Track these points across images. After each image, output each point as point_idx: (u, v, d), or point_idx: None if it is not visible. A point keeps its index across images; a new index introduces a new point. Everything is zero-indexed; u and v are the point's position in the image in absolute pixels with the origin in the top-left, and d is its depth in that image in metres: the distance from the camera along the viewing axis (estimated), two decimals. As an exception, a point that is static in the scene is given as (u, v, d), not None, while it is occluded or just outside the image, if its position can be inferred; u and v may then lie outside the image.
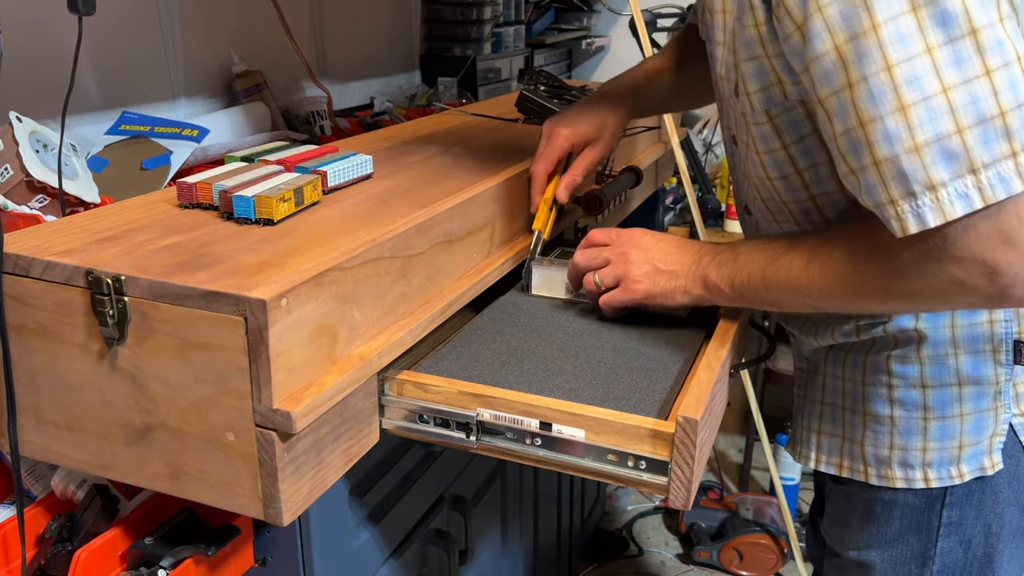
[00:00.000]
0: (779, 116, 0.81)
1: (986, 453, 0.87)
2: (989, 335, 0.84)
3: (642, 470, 0.76)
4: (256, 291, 0.66)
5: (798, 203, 0.87)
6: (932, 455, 0.87)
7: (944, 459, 0.87)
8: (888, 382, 0.88)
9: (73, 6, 0.96)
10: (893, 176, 0.66)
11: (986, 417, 0.86)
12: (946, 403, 0.86)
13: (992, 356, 0.85)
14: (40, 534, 0.85)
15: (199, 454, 0.71)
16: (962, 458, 0.87)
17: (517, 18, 2.53)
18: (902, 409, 0.88)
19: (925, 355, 0.86)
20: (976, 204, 0.64)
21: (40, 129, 1.07)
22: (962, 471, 0.87)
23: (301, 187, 0.86)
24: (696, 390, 0.78)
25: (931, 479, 0.88)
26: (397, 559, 1.07)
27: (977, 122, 0.63)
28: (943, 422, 0.87)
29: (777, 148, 0.84)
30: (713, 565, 2.12)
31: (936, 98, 0.63)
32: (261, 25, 1.63)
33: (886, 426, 0.89)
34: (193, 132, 1.27)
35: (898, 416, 0.88)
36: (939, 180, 0.64)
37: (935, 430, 0.87)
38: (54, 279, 0.72)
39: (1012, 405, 0.86)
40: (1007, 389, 0.86)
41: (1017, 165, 0.63)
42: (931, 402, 0.87)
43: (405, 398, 0.83)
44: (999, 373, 0.85)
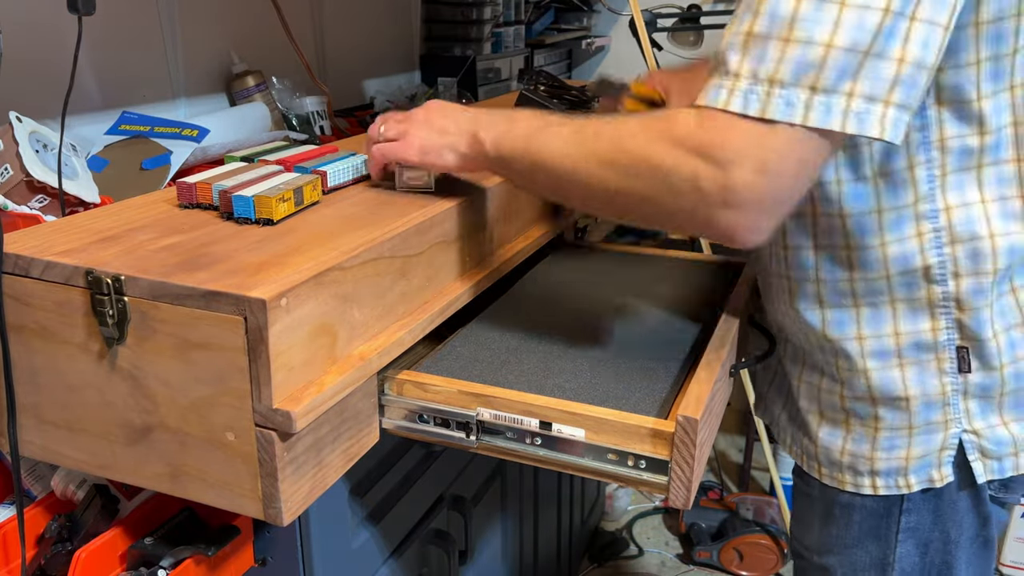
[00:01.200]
0: None
1: (935, 466, 0.84)
2: (932, 343, 0.82)
3: (642, 469, 0.76)
4: (256, 291, 0.66)
5: None
6: (880, 464, 0.86)
7: (892, 469, 0.86)
8: (840, 392, 0.87)
9: (73, 6, 0.96)
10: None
11: (935, 430, 0.84)
12: (896, 415, 0.85)
13: (936, 366, 0.82)
14: (40, 534, 0.85)
15: (199, 454, 0.71)
16: (909, 470, 0.85)
17: (517, 18, 2.53)
18: (855, 417, 0.87)
19: (870, 366, 0.84)
20: (752, 110, 0.63)
21: (40, 129, 1.07)
22: (910, 482, 0.85)
23: (301, 187, 0.86)
24: (696, 390, 0.78)
25: (879, 487, 0.87)
26: (397, 559, 1.07)
27: (804, 40, 0.62)
28: (892, 433, 0.85)
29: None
30: (713, 565, 2.12)
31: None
32: (261, 25, 1.63)
33: (840, 430, 0.89)
34: (193, 132, 1.27)
35: (852, 423, 0.87)
36: (748, 70, 0.64)
37: (883, 440, 0.85)
38: (54, 279, 0.72)
39: (963, 419, 0.83)
40: (956, 402, 0.83)
41: (808, 99, 0.62)
42: (881, 413, 0.85)
43: (405, 398, 0.83)
44: (945, 384, 0.82)
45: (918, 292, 0.81)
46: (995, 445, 0.83)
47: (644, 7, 2.09)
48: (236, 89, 1.58)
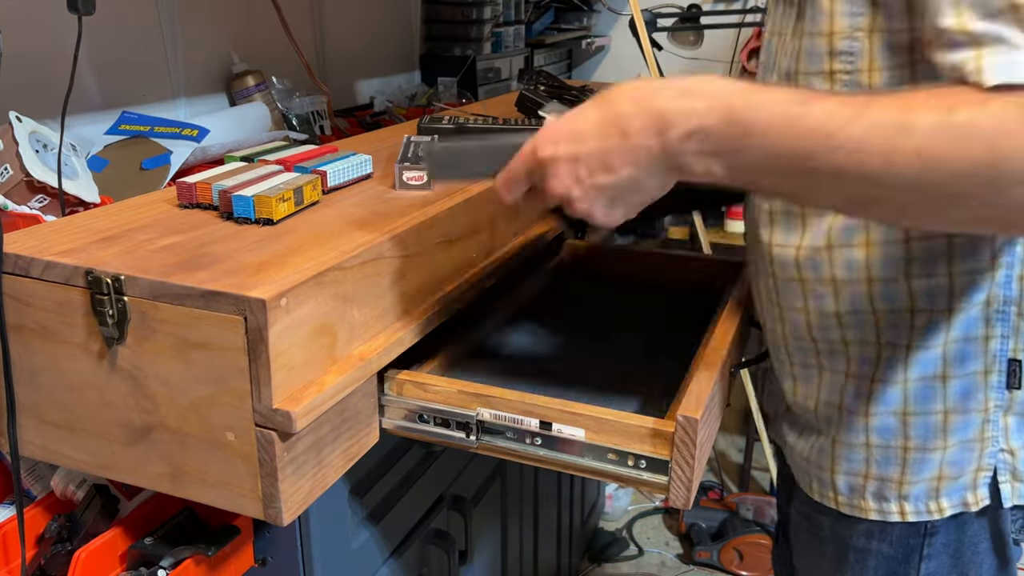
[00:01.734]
0: None
1: (969, 488, 0.77)
2: (983, 352, 0.74)
3: (642, 469, 0.76)
4: (256, 291, 0.66)
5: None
6: (909, 488, 0.78)
7: (923, 492, 0.78)
8: (866, 409, 0.78)
9: (73, 6, 0.96)
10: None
11: (971, 448, 0.76)
12: (929, 433, 0.77)
13: (983, 378, 0.75)
14: (40, 534, 0.84)
15: (199, 454, 0.71)
16: (942, 491, 0.77)
17: (517, 18, 2.53)
18: (879, 436, 0.78)
19: (911, 376, 0.76)
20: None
21: (40, 129, 1.07)
22: (942, 505, 0.77)
23: (301, 187, 0.86)
24: (696, 389, 0.78)
25: (907, 512, 0.78)
26: (397, 559, 1.07)
27: None
28: (923, 454, 0.77)
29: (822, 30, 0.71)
30: (713, 565, 2.12)
31: None
32: (261, 25, 1.63)
33: (860, 454, 0.80)
34: (193, 132, 1.27)
35: (874, 443, 0.79)
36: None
37: (914, 462, 0.77)
38: (54, 279, 0.72)
39: (1001, 438, 0.76)
40: (996, 418, 0.76)
41: None
42: (912, 431, 0.77)
43: (405, 398, 0.83)
44: (989, 399, 0.75)
45: (978, 296, 0.73)
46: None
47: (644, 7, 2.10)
48: (236, 89, 1.58)
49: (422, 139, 1.06)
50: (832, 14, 0.71)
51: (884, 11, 0.67)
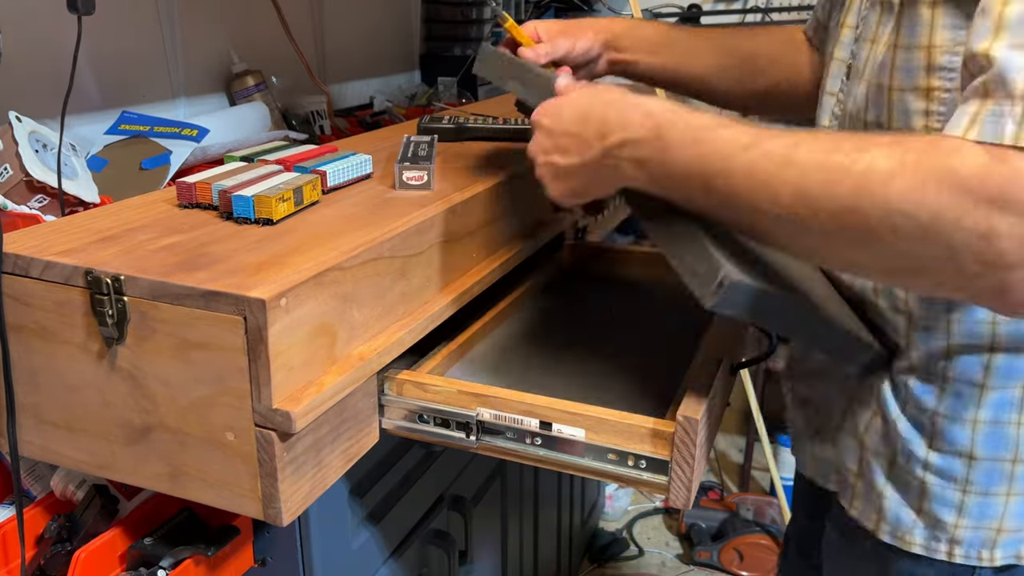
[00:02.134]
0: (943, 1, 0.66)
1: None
2: None
3: (642, 469, 0.76)
4: (255, 291, 0.66)
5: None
6: (964, 532, 0.74)
7: (977, 539, 0.74)
8: (929, 444, 0.74)
9: (73, 6, 0.96)
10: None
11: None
12: (993, 479, 0.72)
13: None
14: (40, 534, 0.84)
15: (198, 454, 0.71)
16: (999, 542, 0.73)
17: (517, 18, 2.53)
18: (937, 477, 0.74)
19: (982, 417, 0.71)
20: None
21: (39, 129, 1.07)
22: (994, 556, 0.74)
23: (300, 187, 0.86)
24: (696, 389, 0.78)
25: (956, 555, 0.75)
26: (397, 559, 1.07)
27: None
28: (985, 499, 0.73)
29: (920, 43, 0.67)
30: (713, 565, 2.12)
31: None
32: (261, 25, 1.63)
33: (915, 490, 0.75)
34: (193, 132, 1.27)
35: (931, 483, 0.74)
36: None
37: (974, 507, 0.73)
38: (53, 279, 0.72)
39: None
40: None
41: None
42: (975, 475, 0.72)
43: (405, 398, 0.83)
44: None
45: None
46: None
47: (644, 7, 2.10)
48: (236, 89, 1.58)
49: (422, 139, 1.06)
50: (933, 26, 0.66)
51: None
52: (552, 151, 0.74)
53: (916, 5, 0.67)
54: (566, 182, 0.74)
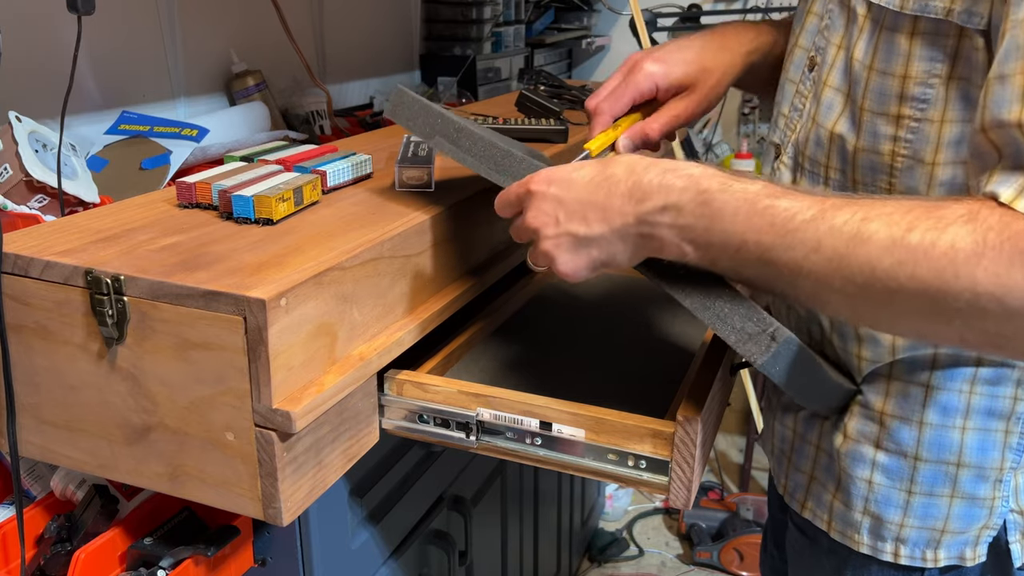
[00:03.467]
0: (922, 34, 0.65)
1: (970, 544, 0.75)
2: (1008, 412, 0.71)
3: (642, 470, 0.76)
4: (255, 291, 0.66)
5: (873, 158, 0.70)
6: (909, 532, 0.76)
7: (921, 539, 0.75)
8: (876, 443, 0.75)
9: (72, 6, 0.96)
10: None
11: (980, 507, 0.74)
12: (937, 481, 0.74)
13: (1003, 437, 0.72)
14: (39, 534, 0.84)
15: (198, 454, 0.71)
16: (942, 543, 0.75)
17: (517, 18, 2.53)
18: (884, 477, 0.76)
19: (928, 420, 0.73)
20: None
21: (39, 129, 1.07)
22: (938, 556, 0.75)
23: (300, 187, 0.86)
24: (697, 389, 0.78)
25: (901, 555, 0.76)
26: (397, 559, 1.07)
27: None
28: (929, 499, 0.74)
29: (895, 71, 0.67)
30: (713, 565, 2.12)
31: None
32: (261, 25, 1.63)
33: (862, 488, 0.77)
34: (193, 132, 1.27)
35: (877, 482, 0.76)
36: None
37: (918, 507, 0.75)
38: (53, 279, 0.72)
39: (1011, 498, 0.74)
40: (1008, 479, 0.73)
41: None
42: (920, 476, 0.74)
43: (405, 398, 0.83)
44: (1006, 459, 0.73)
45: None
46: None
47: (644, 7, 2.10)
48: (236, 89, 1.58)
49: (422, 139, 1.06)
50: (910, 56, 0.66)
51: (966, 62, 0.64)
52: (567, 220, 0.67)
53: (894, 33, 0.67)
54: (586, 254, 0.68)
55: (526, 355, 0.93)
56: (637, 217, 0.65)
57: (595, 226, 0.67)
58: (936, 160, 0.67)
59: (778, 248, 0.60)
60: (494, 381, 0.84)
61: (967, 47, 0.63)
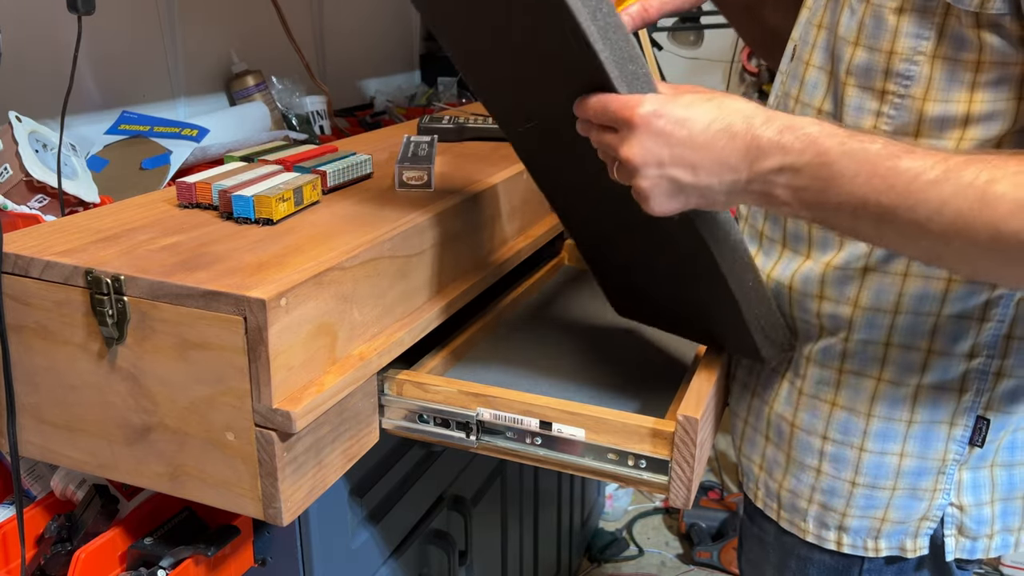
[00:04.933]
0: (911, 11, 0.66)
1: (910, 535, 0.77)
2: (954, 405, 0.73)
3: (642, 469, 0.76)
4: (255, 291, 0.66)
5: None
6: (851, 521, 0.78)
7: (863, 528, 0.77)
8: (824, 433, 0.77)
9: (73, 6, 0.96)
10: None
11: (920, 498, 0.76)
12: (881, 472, 0.76)
13: (948, 430, 0.74)
14: (40, 534, 0.84)
15: (198, 454, 0.71)
16: (882, 533, 0.77)
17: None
18: (831, 466, 0.77)
19: (876, 411, 0.75)
20: None
21: (39, 129, 1.07)
22: (879, 546, 0.77)
23: (300, 187, 0.86)
24: (696, 389, 0.78)
25: (844, 544, 0.79)
26: (397, 559, 1.07)
27: None
28: (872, 491, 0.76)
29: (881, 47, 0.68)
30: (713, 565, 2.12)
31: None
32: (261, 25, 1.63)
33: (809, 477, 0.79)
34: (193, 132, 1.27)
35: (825, 471, 0.78)
36: None
37: (861, 497, 0.77)
38: (53, 279, 0.72)
39: (952, 492, 0.75)
40: (952, 471, 0.75)
41: None
42: (864, 467, 0.76)
43: (405, 398, 0.83)
44: (949, 451, 0.74)
45: (961, 346, 0.72)
46: (976, 524, 0.76)
47: (644, 7, 2.09)
48: (236, 89, 1.58)
49: (422, 139, 1.06)
50: (897, 32, 0.67)
51: (952, 41, 0.64)
52: (672, 164, 0.63)
53: (882, 8, 0.68)
54: (684, 200, 0.65)
55: (526, 355, 0.93)
56: (751, 175, 0.62)
57: (703, 177, 0.63)
58: (918, 137, 0.68)
59: (900, 209, 0.58)
60: (494, 381, 0.85)
61: (954, 26, 0.64)
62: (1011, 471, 0.76)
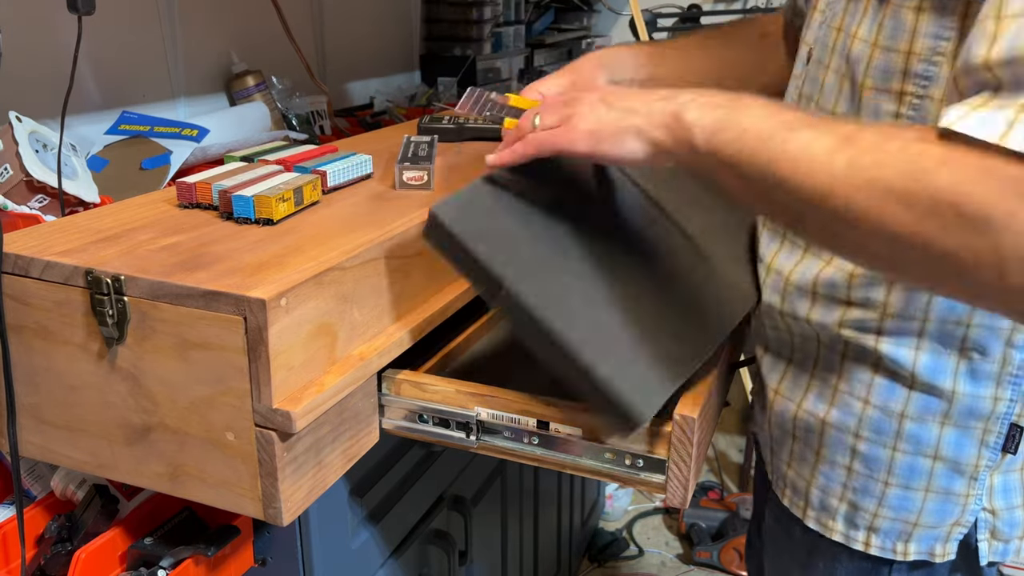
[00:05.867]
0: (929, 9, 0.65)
1: (941, 540, 0.76)
2: (988, 411, 0.72)
3: (639, 468, 0.76)
4: (255, 291, 0.66)
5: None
6: (882, 522, 0.77)
7: (894, 530, 0.76)
8: (856, 432, 0.76)
9: (73, 6, 0.96)
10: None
11: (954, 503, 0.75)
12: (914, 473, 0.75)
13: (981, 436, 0.73)
14: (40, 534, 0.85)
15: (199, 454, 0.71)
16: (913, 536, 0.76)
17: (517, 18, 2.53)
18: (863, 465, 0.76)
19: (910, 411, 0.74)
20: None
21: (40, 129, 1.07)
22: (908, 550, 0.76)
23: (301, 187, 0.86)
24: (693, 389, 0.78)
25: (872, 545, 0.78)
26: (397, 559, 1.07)
27: None
28: (905, 492, 0.75)
29: (899, 47, 0.67)
30: (713, 565, 2.12)
31: None
32: (261, 25, 1.63)
33: (840, 475, 0.78)
34: (193, 132, 1.28)
35: (856, 470, 0.77)
36: None
37: (893, 498, 0.76)
38: (54, 279, 0.72)
39: (984, 497, 0.74)
40: (984, 477, 0.74)
41: None
42: (897, 467, 0.75)
43: (404, 398, 0.83)
44: (982, 457, 0.73)
45: (994, 352, 0.71)
46: (1008, 527, 0.75)
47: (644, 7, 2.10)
48: (236, 89, 1.58)
49: (422, 139, 1.06)
50: (915, 32, 0.66)
51: None
52: (606, 95, 0.70)
53: (901, 8, 0.67)
54: (609, 117, 0.69)
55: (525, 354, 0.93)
56: (667, 97, 0.66)
57: (632, 100, 0.68)
58: None
59: (776, 140, 0.60)
60: (493, 381, 0.84)
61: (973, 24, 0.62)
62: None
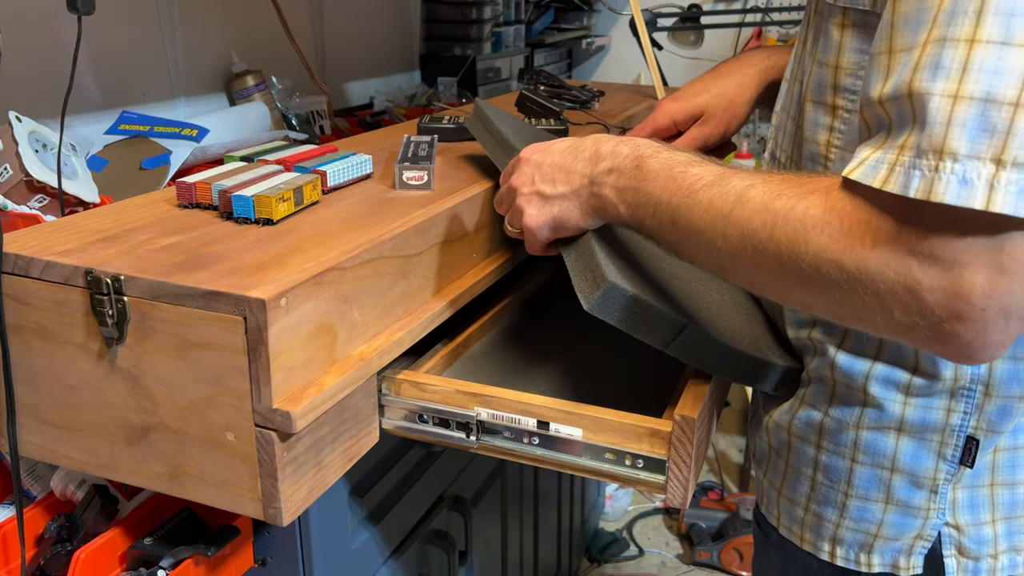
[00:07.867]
0: (852, 26, 0.67)
1: (904, 553, 0.75)
2: (942, 424, 0.71)
3: (639, 469, 0.76)
4: (255, 291, 0.66)
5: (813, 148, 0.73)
6: (844, 532, 0.77)
7: (856, 541, 0.77)
8: (817, 442, 0.77)
9: (73, 6, 0.96)
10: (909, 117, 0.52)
11: (914, 515, 0.74)
12: (872, 484, 0.75)
13: (938, 448, 0.72)
14: (40, 534, 0.85)
15: (198, 454, 0.71)
16: (875, 548, 0.76)
17: (517, 18, 2.53)
18: (824, 476, 0.77)
19: (865, 422, 0.73)
20: (977, 203, 0.49)
21: (39, 129, 1.07)
22: (871, 561, 0.76)
23: (301, 187, 0.86)
24: (693, 389, 0.78)
25: (837, 556, 0.78)
26: (397, 559, 1.07)
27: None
28: (864, 503, 0.75)
29: (829, 61, 0.69)
30: (713, 565, 2.12)
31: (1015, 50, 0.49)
32: (261, 25, 1.63)
33: (805, 486, 0.79)
34: (193, 132, 1.28)
35: (819, 481, 0.77)
36: (953, 149, 0.50)
37: (854, 509, 0.76)
38: (53, 279, 0.72)
39: (947, 511, 0.73)
40: (945, 491, 0.73)
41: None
42: (856, 479, 0.75)
43: (404, 398, 0.83)
44: (939, 469, 0.72)
45: (947, 366, 0.70)
46: (976, 544, 0.74)
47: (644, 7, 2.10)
48: (236, 89, 1.58)
49: (422, 139, 1.06)
50: (841, 47, 0.68)
51: None
52: (540, 182, 0.78)
53: (828, 24, 0.69)
54: (548, 211, 0.78)
55: (525, 355, 0.93)
56: (591, 178, 0.74)
57: (560, 186, 0.77)
58: None
59: (682, 208, 0.65)
60: (493, 381, 0.85)
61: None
62: (1014, 490, 0.74)
